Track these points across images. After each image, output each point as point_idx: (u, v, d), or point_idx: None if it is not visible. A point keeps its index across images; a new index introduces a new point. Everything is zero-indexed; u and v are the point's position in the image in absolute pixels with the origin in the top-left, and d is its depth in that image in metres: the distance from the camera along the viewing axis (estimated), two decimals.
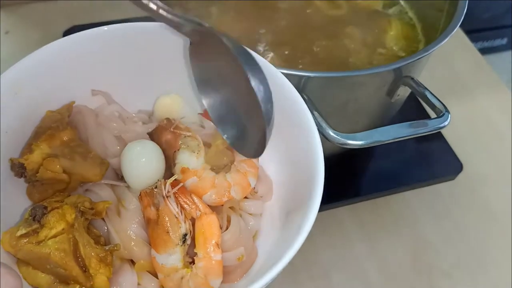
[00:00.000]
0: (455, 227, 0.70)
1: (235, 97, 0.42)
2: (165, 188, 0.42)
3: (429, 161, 0.74)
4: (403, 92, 0.61)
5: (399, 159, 0.74)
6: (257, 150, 0.40)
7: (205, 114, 0.49)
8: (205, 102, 0.45)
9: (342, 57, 0.64)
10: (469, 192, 0.74)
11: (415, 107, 0.77)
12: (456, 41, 0.92)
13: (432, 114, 0.57)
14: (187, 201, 0.42)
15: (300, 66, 0.62)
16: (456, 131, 0.78)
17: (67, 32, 0.80)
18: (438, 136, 0.76)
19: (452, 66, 0.90)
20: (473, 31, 0.94)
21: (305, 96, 0.51)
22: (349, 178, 0.72)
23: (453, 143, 0.76)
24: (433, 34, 0.63)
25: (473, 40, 0.94)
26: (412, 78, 0.56)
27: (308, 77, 0.51)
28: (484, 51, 0.93)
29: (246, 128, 0.42)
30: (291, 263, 0.37)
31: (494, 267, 0.67)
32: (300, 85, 0.51)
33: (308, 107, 0.45)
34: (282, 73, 0.47)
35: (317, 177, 0.40)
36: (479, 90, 0.88)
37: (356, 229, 0.69)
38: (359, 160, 0.74)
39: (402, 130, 0.53)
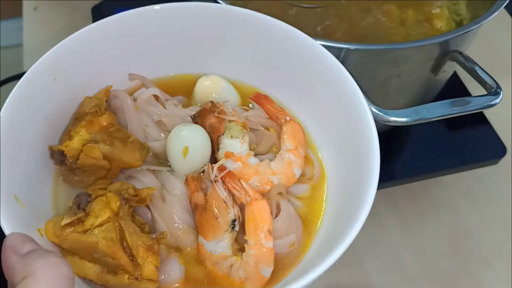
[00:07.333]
0: (496, 213, 0.67)
1: None
2: (213, 173, 0.41)
3: (470, 144, 0.70)
4: (449, 68, 0.58)
5: (438, 142, 0.70)
6: None
7: (256, 97, 0.47)
8: None
9: (383, 35, 0.61)
10: None
11: (457, 89, 0.73)
12: (499, 19, 0.88)
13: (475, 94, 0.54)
14: (236, 186, 0.41)
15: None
16: (499, 113, 0.73)
17: (95, 8, 0.78)
18: (480, 118, 0.72)
19: (494, 45, 0.86)
20: None
21: None
22: (384, 160, 0.69)
23: (496, 126, 0.72)
24: (478, 10, 0.60)
25: None
26: (461, 53, 0.54)
27: (348, 49, 0.48)
28: None
29: None
30: None
31: None
32: (340, 59, 0.48)
33: None
34: (321, 45, 0.45)
35: (372, 157, 0.40)
36: None
37: (391, 215, 0.66)
38: (395, 142, 0.70)
39: (450, 107, 0.50)
